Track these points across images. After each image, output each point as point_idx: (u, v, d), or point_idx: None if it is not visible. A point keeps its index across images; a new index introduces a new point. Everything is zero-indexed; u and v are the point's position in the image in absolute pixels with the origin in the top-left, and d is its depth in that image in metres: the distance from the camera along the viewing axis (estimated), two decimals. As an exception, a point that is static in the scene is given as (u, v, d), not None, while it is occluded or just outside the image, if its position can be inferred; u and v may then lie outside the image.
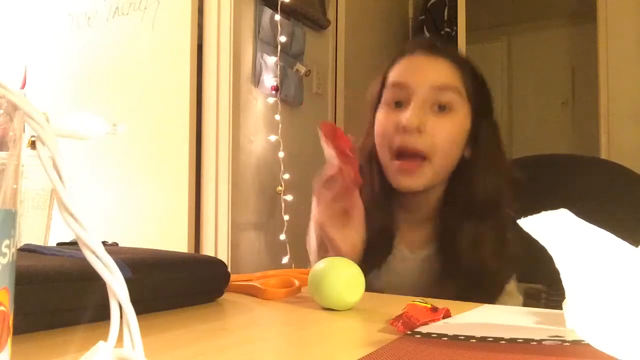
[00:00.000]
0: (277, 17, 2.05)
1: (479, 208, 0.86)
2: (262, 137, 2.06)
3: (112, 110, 2.06)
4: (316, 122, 2.71)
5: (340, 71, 2.52)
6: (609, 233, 0.40)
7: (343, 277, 0.58)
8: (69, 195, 0.25)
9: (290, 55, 2.18)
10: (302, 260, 2.10)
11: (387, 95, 0.92)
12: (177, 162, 1.87)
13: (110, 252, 0.27)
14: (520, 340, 0.42)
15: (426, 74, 0.88)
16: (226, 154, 1.88)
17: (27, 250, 0.61)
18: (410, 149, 0.85)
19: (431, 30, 2.97)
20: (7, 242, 0.25)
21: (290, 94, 2.14)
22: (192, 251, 1.84)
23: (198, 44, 1.91)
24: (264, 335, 0.48)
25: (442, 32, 2.95)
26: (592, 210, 1.02)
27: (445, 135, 0.86)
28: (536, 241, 0.42)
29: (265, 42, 2.06)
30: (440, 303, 0.57)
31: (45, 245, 0.73)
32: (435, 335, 0.44)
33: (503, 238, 0.86)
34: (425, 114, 0.86)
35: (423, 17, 3.03)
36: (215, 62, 1.91)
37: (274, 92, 2.07)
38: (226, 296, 0.66)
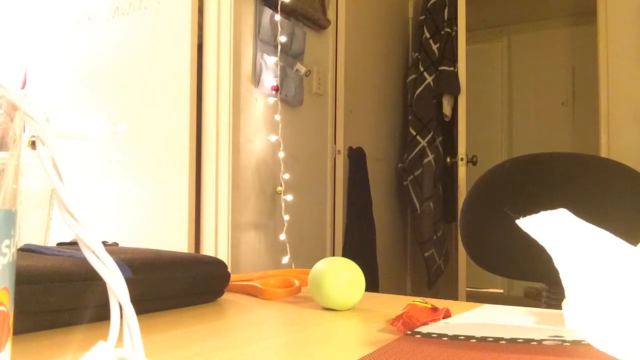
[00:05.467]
0: (277, 17, 2.05)
1: None
2: (262, 137, 2.06)
3: (112, 111, 2.06)
4: (316, 122, 2.73)
5: (340, 71, 2.52)
6: (609, 233, 0.40)
7: (343, 277, 0.58)
8: (69, 195, 0.25)
9: (290, 55, 2.18)
10: (302, 260, 2.11)
11: None
12: (177, 162, 1.87)
13: (110, 252, 0.27)
14: (520, 340, 0.42)
15: None
16: (226, 154, 1.88)
17: (27, 250, 0.61)
18: None
19: (431, 30, 2.97)
20: (7, 242, 0.25)
21: (290, 94, 2.14)
22: (192, 251, 1.84)
23: (198, 44, 1.91)
24: (264, 335, 0.48)
25: (442, 32, 2.95)
26: (592, 209, 1.02)
27: None
28: (536, 241, 0.42)
29: (265, 42, 2.06)
30: (440, 303, 0.57)
31: (45, 245, 0.73)
32: (435, 335, 0.44)
33: None
34: None
35: (423, 17, 3.03)
36: (215, 62, 1.91)
37: (274, 92, 2.07)
38: (226, 296, 0.66)
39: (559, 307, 0.47)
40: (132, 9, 2.03)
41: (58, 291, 0.46)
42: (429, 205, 2.91)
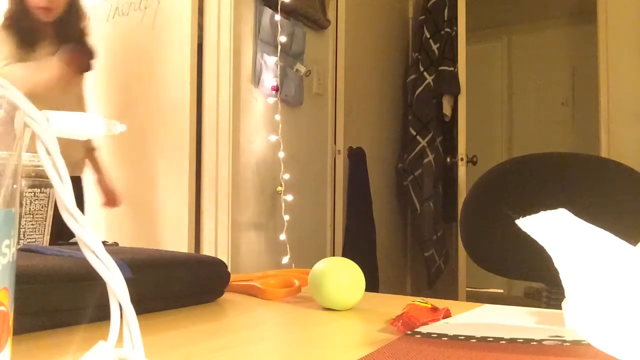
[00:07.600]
0: (277, 17, 2.05)
1: None
2: (262, 137, 2.06)
3: (112, 110, 2.06)
4: (316, 122, 2.72)
5: (340, 71, 2.52)
6: (608, 233, 0.40)
7: (343, 277, 0.58)
8: (69, 195, 0.25)
9: (290, 55, 2.18)
10: (302, 260, 2.10)
11: None
12: (177, 162, 1.87)
13: (110, 252, 0.27)
14: (520, 340, 0.42)
15: None
16: (226, 154, 1.88)
17: (27, 250, 0.61)
18: None
19: (431, 30, 2.97)
20: (7, 242, 0.25)
21: (290, 94, 2.14)
22: (192, 251, 1.84)
23: (198, 44, 1.91)
24: (264, 335, 0.48)
25: (442, 32, 2.95)
26: (592, 209, 1.02)
27: None
28: (536, 241, 0.42)
29: (265, 42, 2.06)
30: (440, 303, 0.57)
31: (45, 245, 0.73)
32: (435, 335, 0.44)
33: None
34: None
35: (423, 17, 3.03)
36: (215, 62, 1.91)
37: (274, 92, 2.07)
38: (226, 296, 0.66)
39: (559, 307, 0.47)
40: (132, 9, 2.03)
41: (58, 291, 0.46)
42: (429, 205, 2.91)
